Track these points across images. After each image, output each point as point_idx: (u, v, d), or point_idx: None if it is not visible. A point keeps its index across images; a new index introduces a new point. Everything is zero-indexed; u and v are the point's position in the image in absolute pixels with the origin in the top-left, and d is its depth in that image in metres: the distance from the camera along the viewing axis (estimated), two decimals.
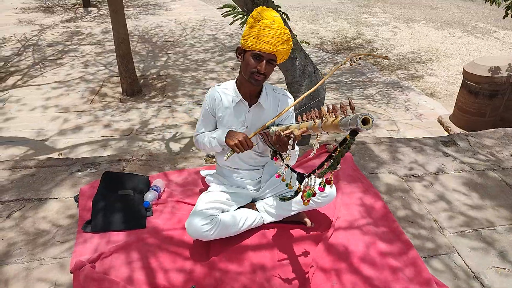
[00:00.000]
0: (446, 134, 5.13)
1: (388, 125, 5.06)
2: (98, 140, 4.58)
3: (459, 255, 1.93)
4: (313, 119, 1.38)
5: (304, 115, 1.50)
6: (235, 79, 1.86)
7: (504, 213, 2.22)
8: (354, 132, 1.16)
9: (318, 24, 9.43)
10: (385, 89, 6.14)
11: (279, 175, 1.68)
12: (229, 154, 1.75)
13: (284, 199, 1.82)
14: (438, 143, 2.89)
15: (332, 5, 11.27)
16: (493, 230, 2.10)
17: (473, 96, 5.04)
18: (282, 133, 1.55)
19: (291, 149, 1.64)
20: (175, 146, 4.52)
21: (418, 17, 10.05)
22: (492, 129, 3.14)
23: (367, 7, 11.15)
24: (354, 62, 1.61)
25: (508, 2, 4.01)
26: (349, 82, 6.36)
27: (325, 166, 1.34)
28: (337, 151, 1.26)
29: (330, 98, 5.64)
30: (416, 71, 6.85)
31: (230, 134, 1.74)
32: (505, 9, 4.06)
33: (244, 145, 1.68)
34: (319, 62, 7.08)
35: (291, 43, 1.69)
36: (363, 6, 11.24)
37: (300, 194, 1.55)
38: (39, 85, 6.07)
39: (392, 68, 6.94)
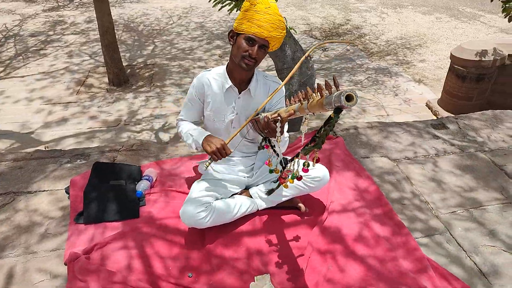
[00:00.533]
0: (435, 118, 5.19)
1: (376, 110, 5.09)
2: (85, 132, 4.51)
3: (451, 235, 1.96)
4: (300, 101, 1.37)
5: (292, 98, 1.49)
6: (226, 65, 1.84)
7: (493, 193, 2.26)
8: (338, 110, 1.15)
9: (306, 10, 9.36)
10: (374, 75, 6.16)
11: (268, 162, 1.67)
12: (207, 163, 1.74)
13: (270, 191, 1.83)
14: (428, 126, 2.92)
15: None
16: (483, 210, 2.13)
17: (460, 80, 5.09)
18: (270, 117, 1.54)
19: (280, 135, 1.62)
20: (164, 136, 4.48)
21: (405, 2, 10.05)
22: (481, 111, 3.18)
23: None
24: (323, 50, 1.60)
25: None
26: (338, 68, 6.35)
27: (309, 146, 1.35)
28: (322, 130, 1.26)
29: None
30: (405, 56, 6.88)
31: (207, 139, 1.72)
32: (502, 7, 3.87)
33: (222, 153, 1.67)
34: (308, 48, 7.05)
35: (284, 31, 1.67)
36: None
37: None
38: (22, 76, 5.93)
39: (381, 54, 6.95)
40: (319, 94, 1.22)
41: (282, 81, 1.87)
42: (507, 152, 2.64)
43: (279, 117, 1.47)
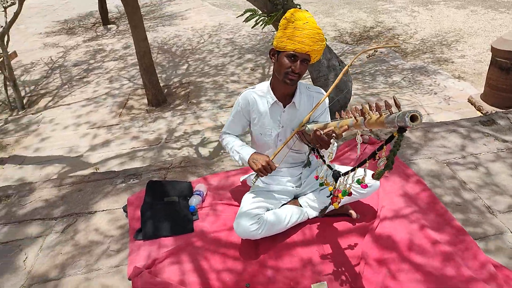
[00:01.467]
0: (479, 113, 4.98)
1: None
2: (129, 152, 4.70)
3: None
4: (355, 117, 1.39)
5: (343, 113, 1.51)
6: (269, 81, 1.88)
7: None
8: (402, 129, 1.16)
9: (334, 17, 9.34)
10: (410, 74, 6.02)
11: (317, 177, 1.69)
12: (254, 180, 1.81)
13: (322, 211, 1.88)
14: (476, 124, 2.82)
15: None
16: None
17: (504, 72, 4.87)
18: (322, 132, 1.56)
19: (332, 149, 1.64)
20: (204, 151, 4.59)
21: None
22: None
23: None
24: (372, 55, 1.62)
25: None
26: (372, 71, 6.26)
27: (366, 164, 1.36)
28: (383, 149, 1.26)
29: (354, 88, 5.57)
30: (442, 53, 6.68)
31: (253, 157, 1.79)
32: None
33: (267, 169, 1.74)
34: (340, 54, 7.01)
35: (324, 42, 1.70)
36: None
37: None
38: (69, 104, 6.29)
39: (417, 53, 6.79)
40: (377, 112, 1.24)
41: (321, 90, 1.90)
42: None
43: (334, 134, 1.49)
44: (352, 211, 2.03)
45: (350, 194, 1.53)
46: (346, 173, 1.55)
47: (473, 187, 2.21)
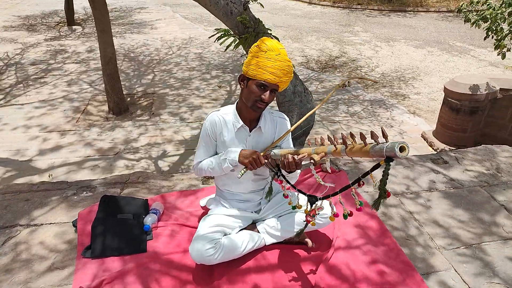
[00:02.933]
0: (430, 149, 5.28)
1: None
2: (81, 160, 4.51)
3: (456, 271, 1.98)
4: (334, 145, 1.43)
5: (317, 139, 1.56)
6: (235, 105, 1.89)
7: (494, 228, 2.30)
8: (389, 159, 1.22)
9: (302, 43, 9.63)
10: (370, 106, 6.29)
11: (287, 196, 1.72)
12: (243, 171, 1.78)
13: (298, 234, 1.90)
14: (427, 161, 2.98)
15: (315, 24, 11.56)
16: (487, 246, 2.16)
17: (454, 112, 5.23)
18: (296, 157, 1.60)
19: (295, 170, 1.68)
20: (163, 164, 4.50)
21: (398, 36, 10.39)
22: (477, 147, 3.26)
23: (348, 26, 11.48)
24: (346, 86, 1.71)
25: (487, 24, 4.22)
26: (334, 99, 6.49)
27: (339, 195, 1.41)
28: (379, 181, 1.32)
29: (317, 115, 5.74)
30: (400, 88, 7.06)
31: (242, 153, 1.79)
32: (485, 31, 4.27)
33: (257, 162, 1.75)
34: (305, 80, 7.21)
35: (292, 74, 1.75)
36: (345, 25, 11.57)
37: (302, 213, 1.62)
38: (22, 104, 5.97)
39: (376, 86, 7.13)
40: (361, 141, 1.29)
41: (284, 113, 1.97)
42: (506, 187, 2.70)
43: (312, 160, 1.52)
44: (308, 240, 2.06)
45: (351, 214, 1.59)
46: (324, 198, 1.60)
47: (421, 222, 2.32)
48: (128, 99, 6.24)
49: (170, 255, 1.97)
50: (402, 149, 1.16)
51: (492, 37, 4.42)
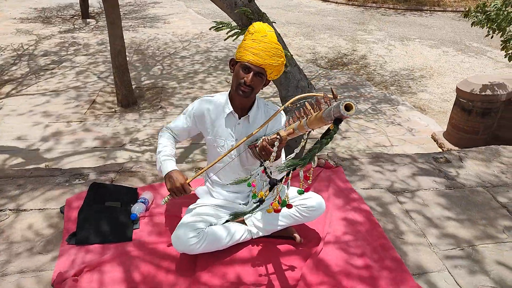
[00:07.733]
0: (440, 151, 5.14)
1: (380, 140, 5.06)
2: (90, 150, 4.54)
3: (450, 273, 1.90)
4: (299, 119, 1.36)
5: (291, 118, 1.49)
6: (228, 92, 1.86)
7: (493, 230, 2.21)
8: (338, 121, 1.14)
9: (315, 40, 9.52)
10: (378, 104, 6.17)
11: (254, 185, 1.64)
12: (166, 199, 1.78)
13: (236, 214, 1.77)
14: (430, 159, 2.89)
15: (328, 22, 11.42)
16: (484, 248, 2.07)
17: (466, 113, 5.07)
18: (267, 138, 1.54)
19: (275, 159, 1.60)
20: None
21: (413, 36, 10.18)
22: (483, 147, 3.15)
23: (363, 24, 11.30)
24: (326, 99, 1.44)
25: (492, 24, 4.08)
26: (342, 96, 6.38)
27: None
28: (317, 143, 1.23)
29: None
30: (410, 87, 6.91)
31: (169, 175, 1.74)
32: (487, 30, 4.15)
33: (181, 191, 1.71)
34: (313, 76, 7.12)
35: (282, 59, 1.68)
36: (359, 23, 11.40)
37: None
38: (33, 94, 6.05)
39: (385, 84, 6.99)
40: (318, 109, 1.21)
41: (280, 107, 1.89)
42: (509, 188, 2.59)
43: (277, 137, 1.46)
44: (296, 235, 2.01)
45: (290, 206, 1.50)
46: (282, 179, 1.51)
47: (417, 221, 2.24)
48: (137, 91, 6.26)
49: (154, 244, 1.95)
50: (348, 107, 1.08)
51: (492, 37, 4.30)
